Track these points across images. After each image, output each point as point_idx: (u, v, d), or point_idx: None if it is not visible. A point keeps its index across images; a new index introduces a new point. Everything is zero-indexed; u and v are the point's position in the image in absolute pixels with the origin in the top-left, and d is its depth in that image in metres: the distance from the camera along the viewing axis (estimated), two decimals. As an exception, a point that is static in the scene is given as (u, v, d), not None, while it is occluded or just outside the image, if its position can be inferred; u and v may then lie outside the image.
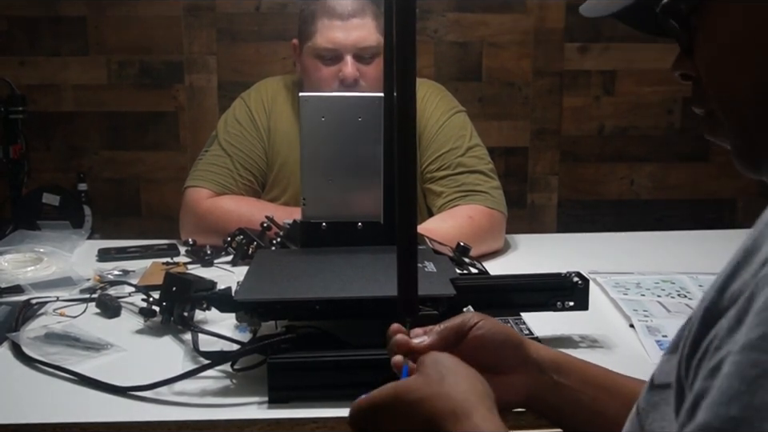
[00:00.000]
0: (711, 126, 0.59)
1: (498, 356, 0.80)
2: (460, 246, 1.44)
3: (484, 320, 0.81)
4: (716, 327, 0.45)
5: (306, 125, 1.30)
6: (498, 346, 0.80)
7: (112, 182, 2.69)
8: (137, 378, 1.05)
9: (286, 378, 1.03)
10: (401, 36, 0.76)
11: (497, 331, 0.80)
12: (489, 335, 0.80)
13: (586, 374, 0.81)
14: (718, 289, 0.46)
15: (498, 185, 1.77)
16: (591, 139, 2.74)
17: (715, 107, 0.57)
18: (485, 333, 0.80)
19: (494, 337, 0.80)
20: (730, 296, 0.45)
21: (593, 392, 0.79)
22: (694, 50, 0.57)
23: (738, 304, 0.43)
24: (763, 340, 0.39)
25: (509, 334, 0.82)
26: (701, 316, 0.47)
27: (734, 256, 0.47)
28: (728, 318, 0.43)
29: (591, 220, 2.76)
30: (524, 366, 0.80)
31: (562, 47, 2.67)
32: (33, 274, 1.50)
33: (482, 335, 0.79)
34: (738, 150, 0.57)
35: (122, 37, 2.60)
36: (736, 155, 0.57)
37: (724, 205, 2.80)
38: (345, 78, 1.70)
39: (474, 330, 0.80)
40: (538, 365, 0.80)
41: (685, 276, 1.49)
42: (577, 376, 0.80)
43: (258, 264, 1.25)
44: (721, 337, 0.43)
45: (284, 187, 1.83)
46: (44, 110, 2.61)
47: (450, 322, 0.81)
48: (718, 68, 0.55)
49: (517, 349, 0.80)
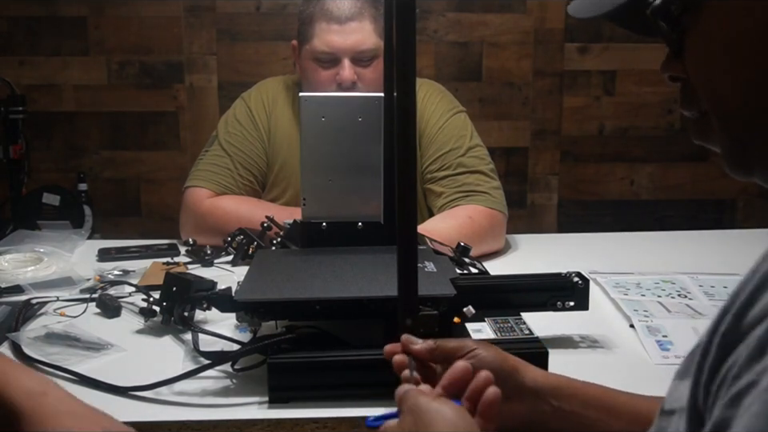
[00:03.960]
0: (700, 129, 0.58)
1: None
2: (460, 246, 1.44)
3: (478, 348, 0.80)
4: (735, 353, 0.44)
5: (306, 125, 1.30)
6: None
7: (112, 182, 2.69)
8: (137, 378, 1.05)
9: (287, 378, 1.03)
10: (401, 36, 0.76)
11: (490, 361, 0.80)
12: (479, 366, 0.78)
13: (586, 397, 0.80)
14: (735, 314, 0.46)
15: (498, 185, 1.77)
16: (591, 139, 2.74)
17: (705, 109, 0.56)
18: (476, 363, 0.78)
19: (486, 367, 0.78)
20: (749, 322, 0.44)
21: (594, 414, 0.79)
22: (683, 52, 0.56)
23: (758, 332, 0.43)
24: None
25: (503, 363, 0.81)
26: (718, 342, 0.46)
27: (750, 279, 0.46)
28: (747, 344, 0.43)
29: (591, 220, 2.76)
30: (519, 393, 0.80)
31: (562, 47, 2.67)
32: (33, 274, 1.50)
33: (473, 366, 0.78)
34: (728, 152, 0.56)
35: (122, 37, 2.60)
36: (726, 158, 0.56)
37: (724, 205, 2.80)
38: (342, 82, 1.70)
39: (467, 357, 0.79)
40: (535, 392, 0.80)
41: (685, 276, 1.49)
42: (577, 400, 0.80)
43: (258, 264, 1.25)
44: (740, 365, 0.43)
45: (284, 187, 1.83)
46: (44, 110, 2.61)
47: (445, 344, 0.81)
48: (709, 70, 0.55)
49: (511, 378, 0.80)
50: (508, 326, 1.18)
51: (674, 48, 0.56)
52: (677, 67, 0.57)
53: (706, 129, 0.57)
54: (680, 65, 0.57)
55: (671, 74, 0.59)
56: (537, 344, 1.08)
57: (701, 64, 0.55)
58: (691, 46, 0.55)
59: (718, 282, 1.45)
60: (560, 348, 1.18)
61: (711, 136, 0.57)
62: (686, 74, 0.57)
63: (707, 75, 0.55)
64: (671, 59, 0.58)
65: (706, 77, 0.55)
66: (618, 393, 0.81)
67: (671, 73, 0.59)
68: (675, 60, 0.57)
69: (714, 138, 0.57)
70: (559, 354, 1.14)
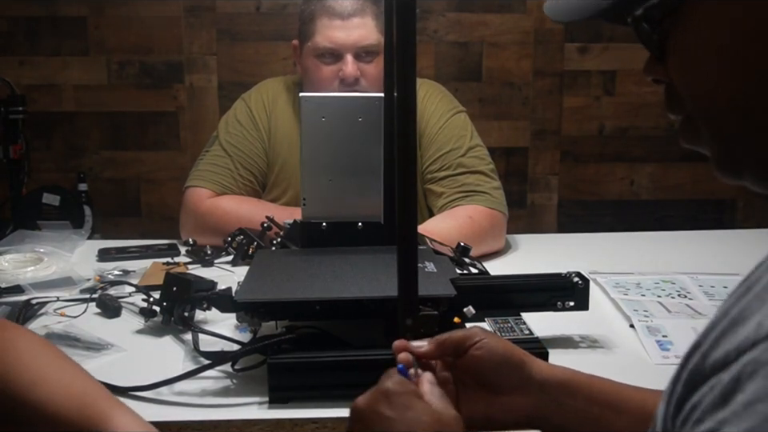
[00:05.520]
0: (687, 133, 0.57)
1: (496, 377, 0.79)
2: (460, 246, 1.44)
3: (486, 338, 0.80)
4: (698, 393, 0.45)
5: (306, 125, 1.30)
6: (496, 368, 0.79)
7: (112, 182, 2.69)
8: (137, 378, 1.05)
9: (287, 378, 1.03)
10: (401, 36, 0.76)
11: (496, 352, 0.79)
12: (487, 356, 0.79)
13: (591, 391, 0.79)
14: (703, 353, 0.46)
15: (498, 185, 1.77)
16: (591, 139, 2.74)
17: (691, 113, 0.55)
18: (483, 354, 0.79)
19: (492, 358, 0.79)
20: (712, 363, 0.45)
21: (598, 410, 0.78)
22: (666, 56, 0.55)
23: (722, 378, 0.43)
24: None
25: (509, 354, 0.80)
26: (686, 378, 0.47)
27: (720, 319, 0.47)
28: (711, 387, 0.44)
29: (591, 220, 2.76)
30: (524, 386, 0.79)
31: (562, 47, 2.67)
32: (33, 274, 1.50)
33: (480, 356, 0.79)
34: (716, 156, 0.55)
35: (122, 37, 2.60)
36: (714, 161, 0.55)
37: (724, 205, 2.80)
38: (345, 78, 1.70)
39: (473, 348, 0.79)
40: (540, 385, 0.79)
41: (685, 276, 1.49)
42: (582, 394, 0.79)
43: (258, 264, 1.25)
44: (702, 409, 0.44)
45: (284, 188, 1.83)
46: (44, 110, 2.61)
47: (452, 335, 0.81)
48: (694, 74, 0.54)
49: (517, 370, 0.80)
50: (508, 326, 1.18)
51: (656, 52, 0.56)
52: (659, 70, 0.56)
53: (693, 132, 0.56)
54: (662, 68, 0.56)
55: (654, 78, 0.58)
56: (537, 344, 1.08)
57: (683, 68, 0.54)
58: (673, 50, 0.54)
59: (717, 282, 1.45)
60: (560, 348, 1.18)
61: (699, 139, 0.56)
62: (668, 77, 0.56)
63: (690, 78, 0.54)
64: (653, 62, 0.57)
65: (689, 80, 0.54)
66: (625, 387, 0.80)
67: (654, 76, 0.58)
68: (658, 63, 0.56)
69: (701, 142, 0.56)
70: (559, 354, 1.14)
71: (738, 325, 0.45)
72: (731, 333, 0.45)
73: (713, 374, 0.44)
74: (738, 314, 0.46)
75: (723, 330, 0.46)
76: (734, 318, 0.46)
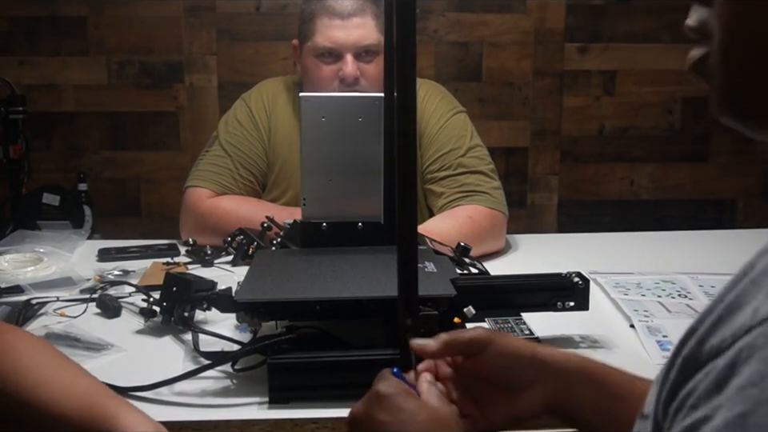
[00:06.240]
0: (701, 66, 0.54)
1: (511, 377, 0.79)
2: (460, 246, 1.44)
3: (494, 340, 0.80)
4: (693, 380, 0.45)
5: (306, 125, 1.30)
6: (509, 368, 0.79)
7: (112, 182, 2.69)
8: (137, 379, 1.05)
9: (287, 379, 1.03)
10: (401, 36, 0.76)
11: (505, 353, 0.79)
12: (497, 359, 0.79)
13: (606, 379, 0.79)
14: (698, 340, 0.46)
15: (498, 185, 1.77)
16: (591, 139, 2.74)
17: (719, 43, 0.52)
18: (491, 358, 0.79)
19: (502, 360, 0.79)
20: (708, 350, 0.45)
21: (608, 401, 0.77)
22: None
23: (717, 364, 0.43)
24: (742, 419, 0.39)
25: (519, 352, 0.80)
26: (680, 364, 0.47)
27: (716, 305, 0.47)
28: (706, 373, 0.44)
29: (591, 220, 2.76)
30: (542, 376, 0.79)
31: (562, 47, 2.67)
32: (33, 274, 1.50)
33: (489, 360, 0.79)
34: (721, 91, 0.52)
35: (121, 37, 2.60)
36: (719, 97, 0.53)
37: (724, 205, 2.80)
38: (345, 77, 1.70)
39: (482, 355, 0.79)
40: (555, 371, 0.79)
41: (685, 276, 1.49)
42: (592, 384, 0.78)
43: (258, 264, 1.25)
44: (698, 395, 0.43)
45: (284, 188, 1.83)
46: (44, 110, 2.61)
47: (461, 335, 0.81)
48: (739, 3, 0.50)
49: (529, 366, 0.79)
50: (508, 326, 1.18)
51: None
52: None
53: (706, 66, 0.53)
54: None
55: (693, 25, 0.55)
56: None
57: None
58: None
59: (718, 282, 1.45)
60: (560, 348, 1.18)
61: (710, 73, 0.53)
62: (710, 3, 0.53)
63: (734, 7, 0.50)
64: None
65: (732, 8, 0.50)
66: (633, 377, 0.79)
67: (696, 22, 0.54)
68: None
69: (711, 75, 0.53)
70: (559, 354, 1.14)
71: (733, 311, 0.45)
72: (727, 319, 0.45)
73: (708, 360, 0.44)
74: (734, 299, 0.46)
75: (719, 315, 0.46)
76: (730, 303, 0.46)
